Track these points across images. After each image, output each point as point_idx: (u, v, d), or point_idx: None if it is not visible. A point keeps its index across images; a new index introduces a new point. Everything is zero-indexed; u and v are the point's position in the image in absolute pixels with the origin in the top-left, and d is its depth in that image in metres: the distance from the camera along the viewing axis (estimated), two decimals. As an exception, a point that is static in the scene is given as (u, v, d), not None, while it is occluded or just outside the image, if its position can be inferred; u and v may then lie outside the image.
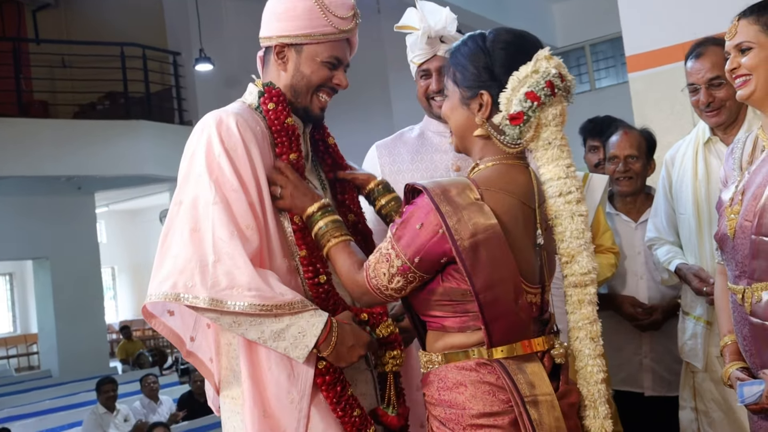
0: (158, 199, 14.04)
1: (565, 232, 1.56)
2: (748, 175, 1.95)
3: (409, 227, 1.54)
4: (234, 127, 1.73)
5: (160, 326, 1.83)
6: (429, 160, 2.38)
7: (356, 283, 1.64)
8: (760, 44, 1.89)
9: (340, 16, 1.82)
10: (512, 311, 1.54)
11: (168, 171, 10.16)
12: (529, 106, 1.52)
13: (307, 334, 1.65)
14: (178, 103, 10.69)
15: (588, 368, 1.59)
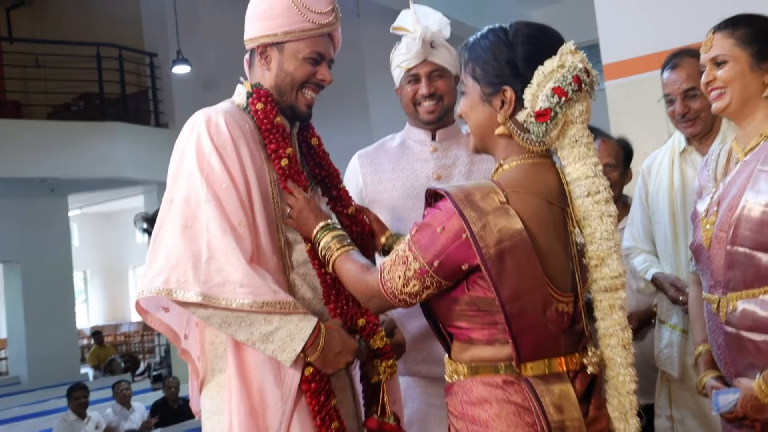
0: (133, 202, 13.89)
1: (594, 233, 1.48)
2: (723, 186, 1.96)
3: (430, 230, 1.46)
4: (223, 125, 1.76)
5: (155, 322, 1.85)
6: (410, 169, 2.37)
7: (366, 285, 1.57)
8: (735, 58, 1.91)
9: (318, 11, 1.84)
10: (541, 323, 1.45)
11: (144, 173, 10.09)
12: (556, 102, 1.44)
13: (295, 338, 1.65)
14: (155, 105, 10.60)
15: (620, 377, 1.50)
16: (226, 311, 1.64)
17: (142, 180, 10.36)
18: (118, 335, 16.15)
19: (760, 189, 1.82)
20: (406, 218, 2.31)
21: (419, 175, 2.36)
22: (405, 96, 2.37)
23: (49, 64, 10.87)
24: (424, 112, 2.34)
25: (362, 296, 1.60)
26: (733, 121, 2.00)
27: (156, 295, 1.66)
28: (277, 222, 1.81)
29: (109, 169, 9.93)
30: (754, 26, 1.93)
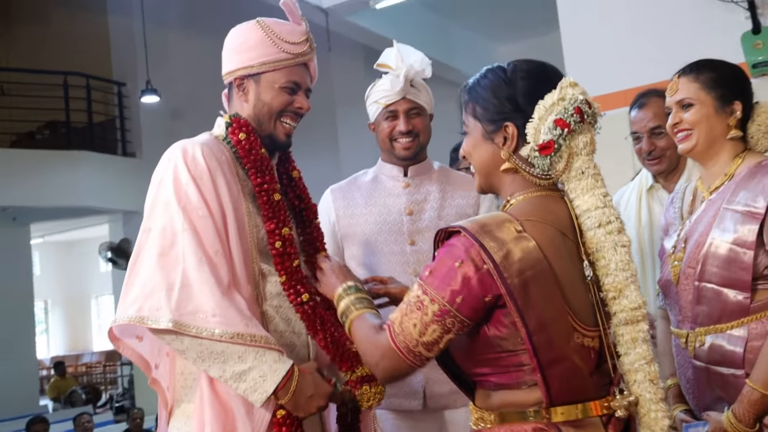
0: (97, 231, 13.73)
1: (609, 264, 1.42)
2: (690, 224, 2.02)
3: (446, 267, 1.38)
4: (200, 156, 1.78)
5: (127, 351, 1.84)
6: (382, 204, 2.40)
7: (375, 345, 1.46)
8: (701, 101, 1.98)
9: (291, 41, 1.88)
10: (567, 355, 1.38)
11: (109, 203, 10.00)
12: (559, 133, 1.42)
13: (267, 379, 1.65)
14: (122, 134, 10.54)
15: (651, 414, 1.42)
16: (200, 346, 1.65)
17: (108, 209, 10.26)
18: (79, 366, 15.83)
19: (726, 227, 1.89)
20: (378, 252, 2.34)
21: (392, 209, 2.38)
22: (382, 132, 2.40)
23: (15, 92, 10.75)
24: (400, 149, 2.38)
25: (371, 359, 1.48)
26: (698, 161, 2.07)
27: (128, 322, 1.67)
28: (252, 252, 1.82)
29: (74, 198, 9.82)
30: (718, 71, 2.01)
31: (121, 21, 10.34)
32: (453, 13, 8.02)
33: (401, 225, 2.36)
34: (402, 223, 2.36)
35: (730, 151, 1.99)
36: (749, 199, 1.88)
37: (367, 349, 1.50)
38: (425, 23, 7.81)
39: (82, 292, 18.08)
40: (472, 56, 8.74)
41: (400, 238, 2.35)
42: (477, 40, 8.91)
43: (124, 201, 10.09)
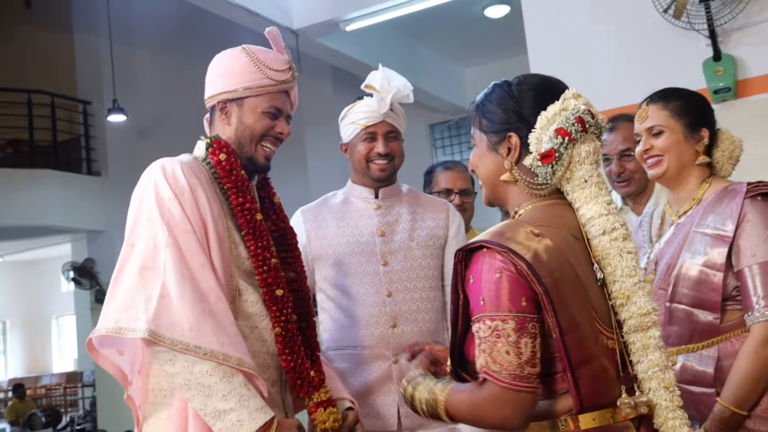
0: (59, 251, 13.49)
1: (615, 271, 1.43)
2: (660, 247, 2.09)
3: (492, 287, 1.36)
4: (180, 173, 1.81)
5: (107, 364, 1.86)
6: (354, 226, 2.42)
7: (490, 401, 1.36)
8: (671, 128, 2.06)
9: (275, 69, 1.94)
10: (595, 355, 1.38)
11: (73, 222, 9.86)
12: (560, 142, 1.44)
13: (244, 425, 1.67)
14: (87, 153, 10.43)
15: (669, 422, 1.41)
16: (191, 375, 1.67)
17: (71, 228, 10.13)
18: (38, 388, 15.46)
19: (696, 250, 1.96)
20: (352, 273, 2.36)
21: (363, 231, 2.41)
22: (358, 153, 2.42)
23: (-24, 110, 10.59)
24: (376, 170, 2.41)
25: (495, 416, 1.37)
26: (667, 186, 2.15)
27: (107, 333, 1.69)
28: (231, 267, 1.85)
29: (37, 217, 9.68)
30: (685, 99, 2.10)
31: (87, 39, 10.27)
32: (422, 35, 8.11)
33: (374, 246, 2.39)
34: (375, 244, 2.39)
35: (697, 177, 2.07)
36: (718, 223, 1.96)
37: (487, 411, 1.37)
38: (394, 45, 7.88)
39: (42, 312, 17.72)
40: (440, 78, 8.84)
41: (373, 258, 2.37)
42: (445, 62, 9.01)
43: (89, 220, 9.97)
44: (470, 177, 3.06)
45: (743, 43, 3.99)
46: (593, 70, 4.33)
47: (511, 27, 7.50)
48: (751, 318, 1.91)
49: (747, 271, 1.92)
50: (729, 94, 3.84)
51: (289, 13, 6.49)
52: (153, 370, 1.82)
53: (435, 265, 2.44)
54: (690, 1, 3.96)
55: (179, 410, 1.75)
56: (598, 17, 4.42)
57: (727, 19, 3.92)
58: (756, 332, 1.88)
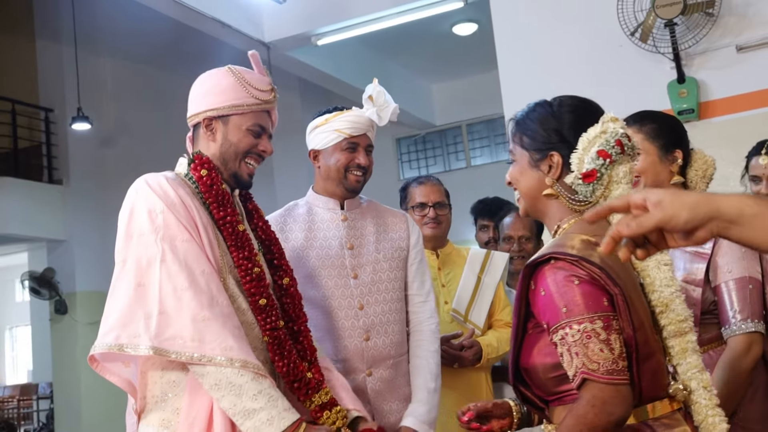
0: (15, 260, 13.18)
1: (654, 282, 1.55)
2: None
3: (572, 294, 1.44)
4: (167, 186, 1.87)
5: (113, 376, 1.89)
6: (323, 238, 2.42)
7: (591, 404, 1.39)
8: (646, 150, 2.14)
9: (260, 89, 2.01)
10: (654, 351, 1.50)
11: (33, 230, 9.69)
12: (601, 163, 1.54)
13: (273, 424, 1.72)
14: (48, 161, 10.28)
15: (709, 420, 1.51)
16: (220, 374, 1.72)
17: (30, 237, 9.94)
18: (-10, 401, 15.07)
19: (676, 266, 2.06)
20: (323, 287, 2.36)
21: (333, 243, 2.42)
22: (336, 161, 2.41)
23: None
24: (353, 181, 2.42)
25: (598, 420, 1.39)
26: None
27: (108, 350, 1.74)
28: (224, 275, 1.89)
29: (-5, 225, 9.50)
30: (659, 122, 2.20)
31: (50, 46, 10.14)
32: (391, 51, 8.22)
33: (344, 259, 2.40)
34: (344, 257, 2.40)
35: None
36: None
37: (590, 416, 1.39)
38: (364, 60, 7.97)
39: (-5, 323, 17.31)
40: (408, 93, 8.96)
41: (344, 272, 2.38)
42: (413, 78, 9.14)
43: (49, 229, 9.82)
44: (444, 190, 3.11)
45: (706, 66, 4.15)
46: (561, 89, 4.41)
47: (479, 44, 7.67)
48: (728, 331, 2.01)
49: (724, 287, 2.03)
50: (692, 115, 4.00)
51: (260, 26, 6.53)
52: (148, 378, 1.86)
53: (401, 277, 2.48)
54: (656, 25, 4.11)
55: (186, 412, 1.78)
56: (567, 38, 4.56)
57: (690, 43, 4.08)
58: (733, 345, 1.99)
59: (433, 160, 9.83)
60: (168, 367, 1.83)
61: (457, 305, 2.96)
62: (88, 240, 9.96)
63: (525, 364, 1.55)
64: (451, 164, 9.74)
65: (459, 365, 2.83)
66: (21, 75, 10.71)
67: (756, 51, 4.06)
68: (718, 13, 4.04)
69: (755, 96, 4.02)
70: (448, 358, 2.82)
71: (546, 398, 1.56)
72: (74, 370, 9.58)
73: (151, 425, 1.83)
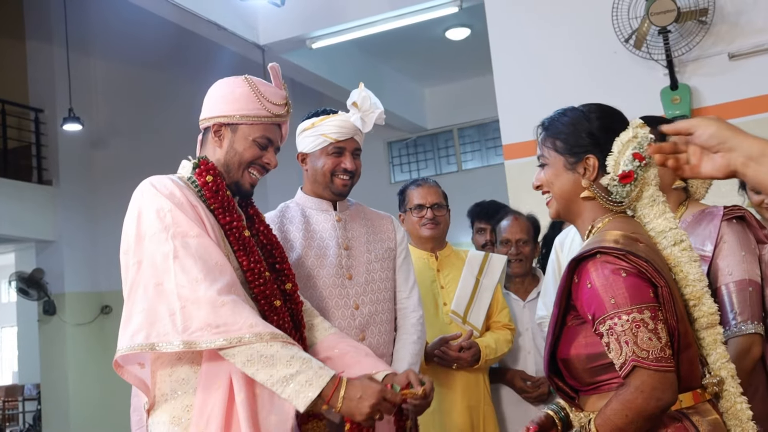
0: (3, 260, 13.11)
1: (687, 276, 1.64)
2: None
3: (619, 286, 1.51)
4: (173, 187, 1.89)
5: (131, 378, 1.90)
6: (319, 239, 2.45)
7: (638, 389, 1.46)
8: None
9: (274, 102, 2.02)
10: (691, 342, 1.58)
11: (20, 231, 9.64)
12: (637, 165, 1.62)
13: (313, 384, 1.72)
14: (38, 162, 10.23)
15: (737, 406, 1.61)
16: (250, 350, 1.73)
17: (19, 237, 9.89)
18: (-24, 402, 14.94)
19: None
20: (320, 287, 2.39)
21: (329, 243, 2.44)
22: (323, 165, 2.43)
23: None
24: (340, 185, 2.44)
25: (647, 404, 1.45)
26: None
27: (140, 351, 1.75)
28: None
29: (-18, 225, 9.45)
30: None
31: (40, 47, 10.11)
32: (384, 55, 8.26)
33: (340, 259, 2.43)
34: (341, 257, 2.43)
35: (675, 200, 2.23)
36: (698, 243, 2.11)
37: (639, 401, 1.46)
38: (357, 64, 8.01)
39: (-20, 324, 17.19)
40: (400, 97, 9.00)
41: (340, 272, 2.42)
42: (405, 82, 9.18)
43: (38, 230, 9.77)
44: (442, 192, 3.14)
45: (698, 73, 4.22)
46: (556, 94, 4.49)
47: (471, 49, 7.72)
48: (728, 333, 2.05)
49: (724, 289, 2.08)
50: (685, 121, 4.05)
51: (255, 28, 6.55)
52: (157, 377, 1.87)
53: (391, 277, 2.52)
54: (650, 32, 4.17)
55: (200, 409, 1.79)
56: (562, 43, 4.61)
57: (683, 50, 4.15)
58: (733, 346, 2.02)
59: (424, 164, 9.87)
60: (176, 365, 1.85)
61: (456, 307, 2.99)
62: (77, 241, 9.94)
63: (563, 355, 1.62)
64: (443, 168, 9.78)
65: (457, 366, 2.87)
66: (11, 75, 10.66)
67: (748, 58, 4.14)
68: (711, 21, 4.11)
69: (747, 103, 4.09)
70: (446, 359, 2.86)
71: (579, 388, 1.62)
72: (62, 371, 9.54)
73: (162, 422, 1.84)
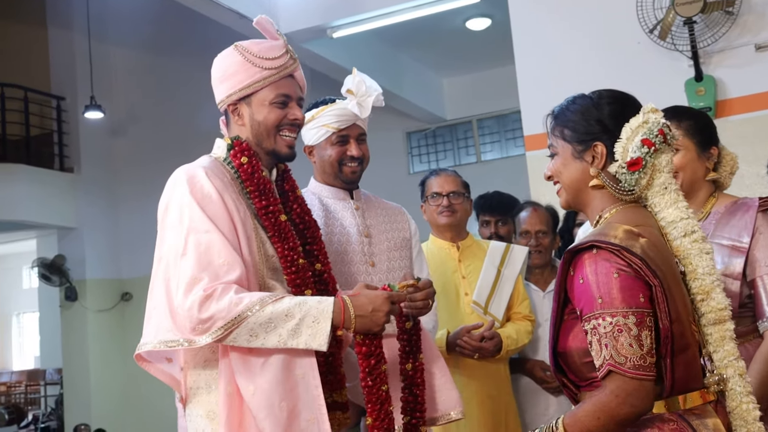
0: (23, 246, 13.24)
1: (696, 270, 1.58)
2: None
3: (610, 286, 1.46)
4: (203, 178, 1.84)
5: (158, 372, 1.91)
6: (340, 226, 2.44)
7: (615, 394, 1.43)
8: (686, 147, 2.18)
9: (270, 57, 1.94)
10: (690, 344, 1.52)
11: (43, 217, 9.73)
12: (646, 151, 1.56)
13: (321, 320, 1.72)
14: (60, 149, 10.31)
15: (743, 406, 1.55)
16: (248, 326, 1.71)
17: (41, 224, 9.98)
18: (-2, 385, 15.17)
19: (715, 259, 2.09)
20: (345, 273, 2.38)
21: (350, 231, 2.44)
22: (329, 156, 2.42)
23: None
24: (349, 172, 2.43)
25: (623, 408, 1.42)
26: None
27: (159, 347, 1.77)
28: (260, 266, 1.88)
29: (6, 212, 9.47)
30: (695, 118, 2.23)
31: (62, 34, 10.16)
32: (404, 45, 8.22)
33: (362, 246, 2.43)
34: (363, 244, 2.44)
35: (706, 192, 2.21)
36: (734, 235, 2.09)
37: (612, 406, 1.43)
38: (377, 53, 7.98)
39: (2, 309, 17.38)
40: (419, 87, 8.97)
41: (363, 259, 2.42)
42: (425, 72, 9.14)
43: (59, 216, 9.85)
44: (462, 182, 3.13)
45: (724, 65, 4.18)
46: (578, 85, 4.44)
47: (492, 40, 7.68)
48: (764, 324, 2.04)
49: (760, 281, 2.06)
50: (710, 113, 4.02)
51: (276, 17, 6.54)
52: (190, 369, 1.88)
53: (409, 266, 2.53)
54: (675, 22, 4.13)
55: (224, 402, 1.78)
56: (585, 33, 4.58)
57: (709, 41, 4.11)
58: None
59: (443, 155, 9.83)
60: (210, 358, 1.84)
61: (478, 297, 3.00)
62: (98, 228, 10.01)
63: (561, 349, 1.58)
64: (462, 159, 9.74)
65: (479, 356, 2.87)
66: (33, 63, 10.74)
67: (775, 50, 4.09)
68: (738, 11, 4.07)
69: (773, 95, 4.05)
70: (468, 349, 2.86)
71: (579, 383, 1.59)
72: (84, 356, 9.63)
73: (198, 415, 1.85)
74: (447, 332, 2.89)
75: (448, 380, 2.17)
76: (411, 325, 2.06)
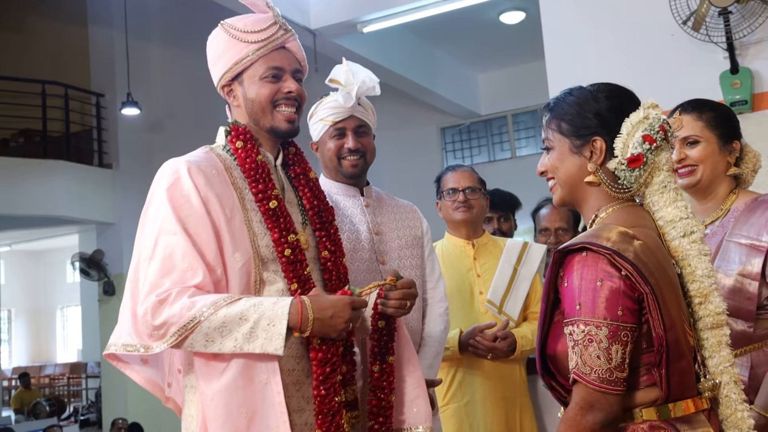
0: (66, 241, 13.55)
1: (695, 271, 1.52)
2: None
3: (590, 293, 1.40)
4: (185, 175, 1.76)
5: (133, 374, 1.87)
6: (350, 222, 2.38)
7: (578, 405, 1.40)
8: (706, 139, 2.09)
9: (255, 30, 1.86)
10: (685, 353, 1.45)
11: (82, 213, 9.91)
12: (647, 148, 1.50)
13: (276, 322, 1.64)
14: (99, 145, 10.48)
15: (738, 414, 1.50)
16: (202, 331, 1.64)
17: (81, 219, 10.16)
18: (42, 377, 15.53)
19: (730, 258, 1.99)
20: (354, 271, 2.30)
21: (360, 228, 2.38)
22: (329, 150, 2.36)
23: (-9, 99, 10.64)
24: (348, 166, 2.35)
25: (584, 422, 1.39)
26: (694, 196, 2.16)
27: (120, 351, 1.73)
28: (254, 260, 1.79)
29: (47, 208, 9.71)
30: (717, 111, 2.13)
31: (102, 32, 10.32)
32: (437, 39, 8.14)
33: (372, 244, 2.38)
34: (373, 242, 2.38)
35: (726, 187, 2.11)
36: (753, 233, 1.99)
37: (578, 418, 1.40)
38: (410, 48, 7.92)
39: (47, 302, 17.79)
40: (453, 82, 8.88)
41: (373, 256, 2.37)
42: (458, 66, 9.05)
43: (98, 212, 10.02)
44: (478, 178, 3.06)
45: (761, 56, 4.01)
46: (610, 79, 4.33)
47: (526, 33, 7.55)
48: None
49: None
50: (745, 107, 3.87)
51: (307, 12, 6.52)
52: (184, 371, 1.83)
53: (420, 265, 2.47)
54: (709, 13, 3.98)
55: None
56: (617, 26, 4.45)
57: (745, 32, 3.95)
58: None
59: (477, 150, 9.72)
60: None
61: (492, 296, 2.92)
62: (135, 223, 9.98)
63: (550, 352, 1.52)
64: (496, 155, 9.63)
65: (492, 357, 2.80)
66: (74, 60, 10.93)
67: (814, 41, 3.91)
68: (775, 0, 3.90)
69: (812, 88, 3.88)
70: (481, 349, 2.79)
71: (569, 387, 1.50)
72: (120, 350, 9.76)
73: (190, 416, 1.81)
74: (460, 331, 2.83)
75: (422, 393, 2.04)
76: (384, 324, 1.97)
